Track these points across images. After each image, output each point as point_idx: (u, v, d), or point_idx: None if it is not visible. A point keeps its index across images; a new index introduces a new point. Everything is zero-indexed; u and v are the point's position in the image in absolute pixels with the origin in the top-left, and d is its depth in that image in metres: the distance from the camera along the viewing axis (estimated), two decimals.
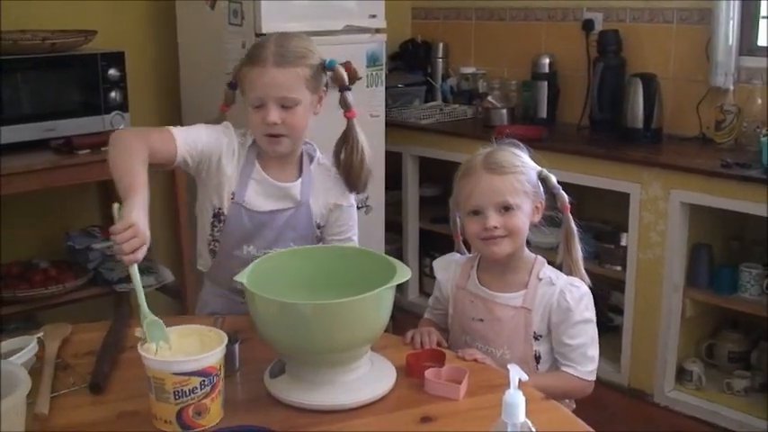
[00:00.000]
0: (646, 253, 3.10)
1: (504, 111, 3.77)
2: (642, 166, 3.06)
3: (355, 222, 2.02)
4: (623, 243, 3.28)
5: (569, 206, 1.82)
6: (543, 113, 3.74)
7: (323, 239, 1.98)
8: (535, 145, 3.32)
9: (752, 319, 3.09)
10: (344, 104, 1.93)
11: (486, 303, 1.79)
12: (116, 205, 1.57)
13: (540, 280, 1.77)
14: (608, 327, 3.51)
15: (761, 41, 3.24)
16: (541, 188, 1.80)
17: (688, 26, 3.37)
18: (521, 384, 1.15)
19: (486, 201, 1.73)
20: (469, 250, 1.93)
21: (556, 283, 1.76)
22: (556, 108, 3.77)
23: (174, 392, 1.37)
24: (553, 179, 1.81)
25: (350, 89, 1.93)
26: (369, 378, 1.52)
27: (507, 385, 1.15)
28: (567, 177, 3.21)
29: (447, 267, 1.89)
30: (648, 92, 3.30)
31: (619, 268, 3.26)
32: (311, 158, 1.96)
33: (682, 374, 3.14)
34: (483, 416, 1.42)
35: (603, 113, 3.52)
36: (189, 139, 1.82)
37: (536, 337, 1.76)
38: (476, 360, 1.65)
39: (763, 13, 3.23)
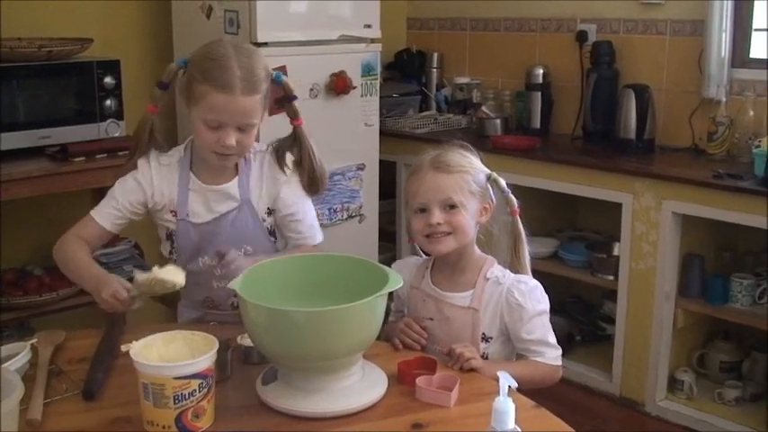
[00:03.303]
0: (638, 263, 3.11)
1: (498, 121, 3.79)
2: (634, 177, 3.08)
3: (301, 198, 1.95)
4: (615, 253, 3.29)
5: (518, 210, 1.84)
6: (537, 124, 3.77)
7: (281, 229, 1.95)
8: (529, 155, 3.41)
9: (743, 329, 3.11)
10: (293, 113, 1.95)
11: (436, 303, 1.81)
12: None
13: (488, 279, 1.78)
14: (600, 336, 3.53)
15: (753, 54, 3.27)
16: (491, 190, 1.82)
17: (681, 38, 3.40)
18: (510, 391, 1.16)
19: (431, 198, 1.76)
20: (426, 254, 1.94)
21: (503, 282, 1.77)
22: (549, 118, 3.79)
23: (174, 397, 1.38)
24: (502, 182, 1.83)
25: (296, 98, 1.94)
26: (360, 385, 1.53)
27: (498, 393, 1.17)
28: (560, 187, 3.25)
29: (403, 269, 1.89)
30: (641, 103, 3.32)
31: (611, 278, 3.28)
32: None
33: (673, 384, 3.16)
34: (473, 423, 1.43)
35: (596, 124, 3.55)
36: (108, 214, 1.90)
37: (486, 339, 1.77)
38: (472, 369, 1.65)
39: (755, 25, 3.26)
